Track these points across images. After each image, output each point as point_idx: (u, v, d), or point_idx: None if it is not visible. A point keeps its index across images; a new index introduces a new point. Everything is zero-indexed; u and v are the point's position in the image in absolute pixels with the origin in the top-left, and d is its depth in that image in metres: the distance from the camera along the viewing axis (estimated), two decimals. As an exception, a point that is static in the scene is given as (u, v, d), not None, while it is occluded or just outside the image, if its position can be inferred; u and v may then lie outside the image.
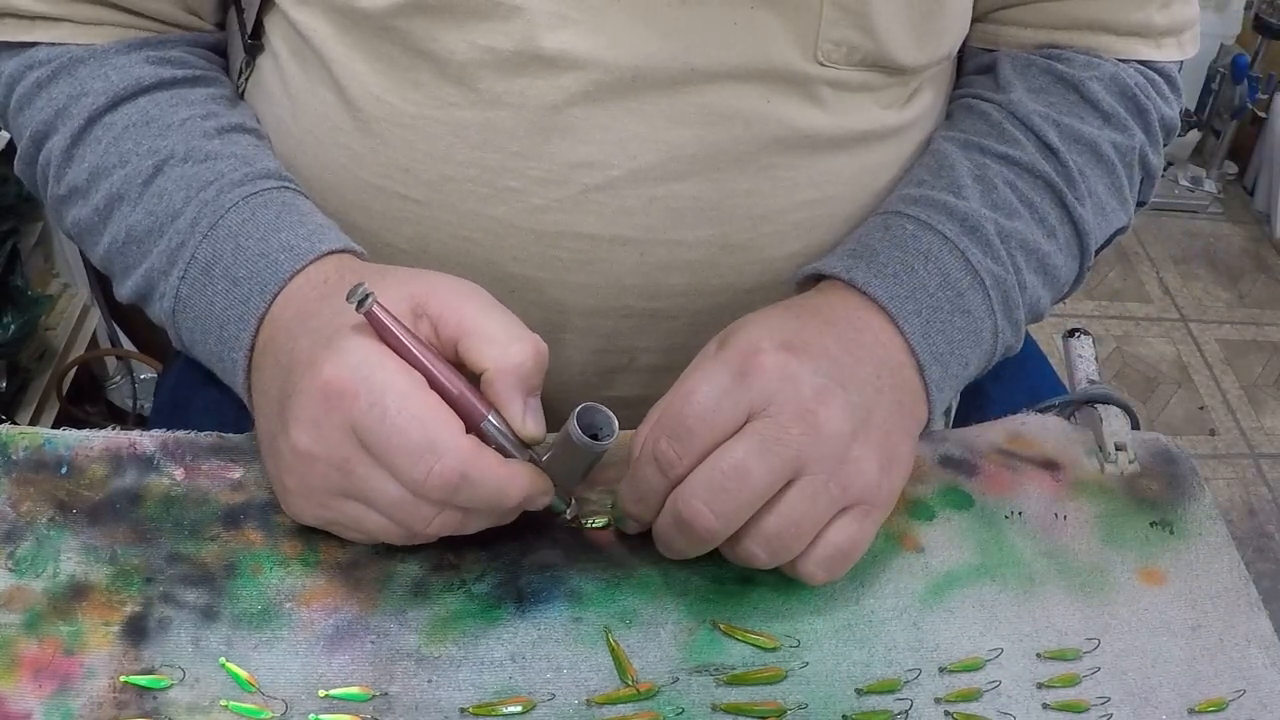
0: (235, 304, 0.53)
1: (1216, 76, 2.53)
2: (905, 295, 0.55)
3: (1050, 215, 0.61)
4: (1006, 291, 0.59)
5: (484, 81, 0.56)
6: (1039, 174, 0.62)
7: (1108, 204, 0.64)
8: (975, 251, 0.58)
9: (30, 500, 0.53)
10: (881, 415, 0.51)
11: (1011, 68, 0.66)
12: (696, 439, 0.48)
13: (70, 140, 0.59)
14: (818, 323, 0.53)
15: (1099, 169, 0.64)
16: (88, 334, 1.59)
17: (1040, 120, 0.63)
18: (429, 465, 0.45)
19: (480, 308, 0.49)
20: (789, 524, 0.48)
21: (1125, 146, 0.65)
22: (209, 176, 0.56)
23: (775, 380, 0.49)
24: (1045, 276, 0.62)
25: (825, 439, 0.48)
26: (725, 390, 0.48)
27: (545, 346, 0.49)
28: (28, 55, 0.61)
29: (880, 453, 0.50)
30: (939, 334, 0.55)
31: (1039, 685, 0.50)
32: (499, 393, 0.48)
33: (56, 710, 0.46)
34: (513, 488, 0.47)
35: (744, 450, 0.47)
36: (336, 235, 0.55)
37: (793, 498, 0.48)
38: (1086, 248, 0.63)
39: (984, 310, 0.58)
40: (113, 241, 0.59)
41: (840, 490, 0.49)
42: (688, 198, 0.58)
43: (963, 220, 0.58)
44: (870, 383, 0.52)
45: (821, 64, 0.57)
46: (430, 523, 0.48)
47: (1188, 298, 2.43)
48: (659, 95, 0.56)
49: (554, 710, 0.48)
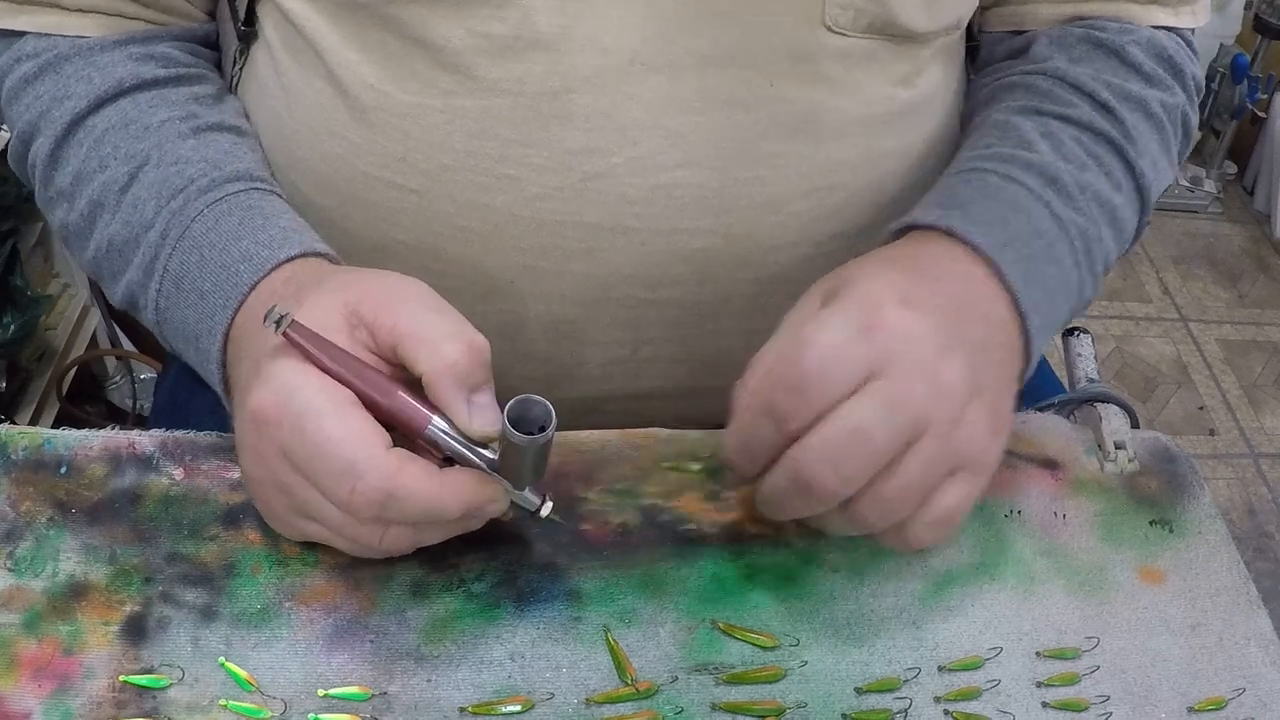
0: (204, 318, 0.54)
1: (1216, 76, 2.53)
2: (1004, 244, 0.54)
3: (1115, 170, 0.62)
4: (1089, 243, 0.58)
5: (480, 68, 0.56)
6: (1099, 131, 0.62)
7: (1159, 160, 0.65)
8: (1058, 203, 0.57)
9: (30, 500, 0.53)
10: (992, 375, 0.50)
11: (1048, 41, 0.66)
12: (817, 393, 0.46)
13: (54, 144, 0.59)
14: (929, 279, 0.51)
15: (1150, 126, 0.64)
16: (87, 334, 1.59)
17: (1091, 81, 0.63)
18: (350, 485, 0.45)
19: (415, 309, 0.48)
20: (907, 487, 0.47)
21: (1171, 105, 0.65)
22: (179, 183, 0.56)
23: (898, 338, 0.47)
24: (1115, 230, 0.61)
25: (946, 401, 0.47)
26: (847, 344, 0.46)
27: (482, 340, 0.48)
28: (16, 47, 0.61)
29: (991, 415, 0.49)
30: (1037, 285, 0.54)
31: (1038, 684, 0.50)
32: (438, 395, 0.47)
33: (56, 710, 0.46)
34: (448, 499, 0.46)
35: (869, 410, 0.46)
36: (299, 238, 0.55)
37: (911, 461, 0.47)
38: (1147, 202, 0.63)
39: (1070, 261, 0.57)
40: (97, 249, 0.59)
41: (954, 453, 0.47)
42: (690, 186, 0.58)
43: (1041, 172, 0.58)
44: (981, 342, 0.50)
45: (829, 28, 0.57)
46: (381, 539, 0.47)
47: (1187, 297, 2.43)
48: (660, 80, 0.56)
49: (553, 709, 0.48)
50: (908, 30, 0.59)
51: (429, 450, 0.48)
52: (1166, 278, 2.47)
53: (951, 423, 0.47)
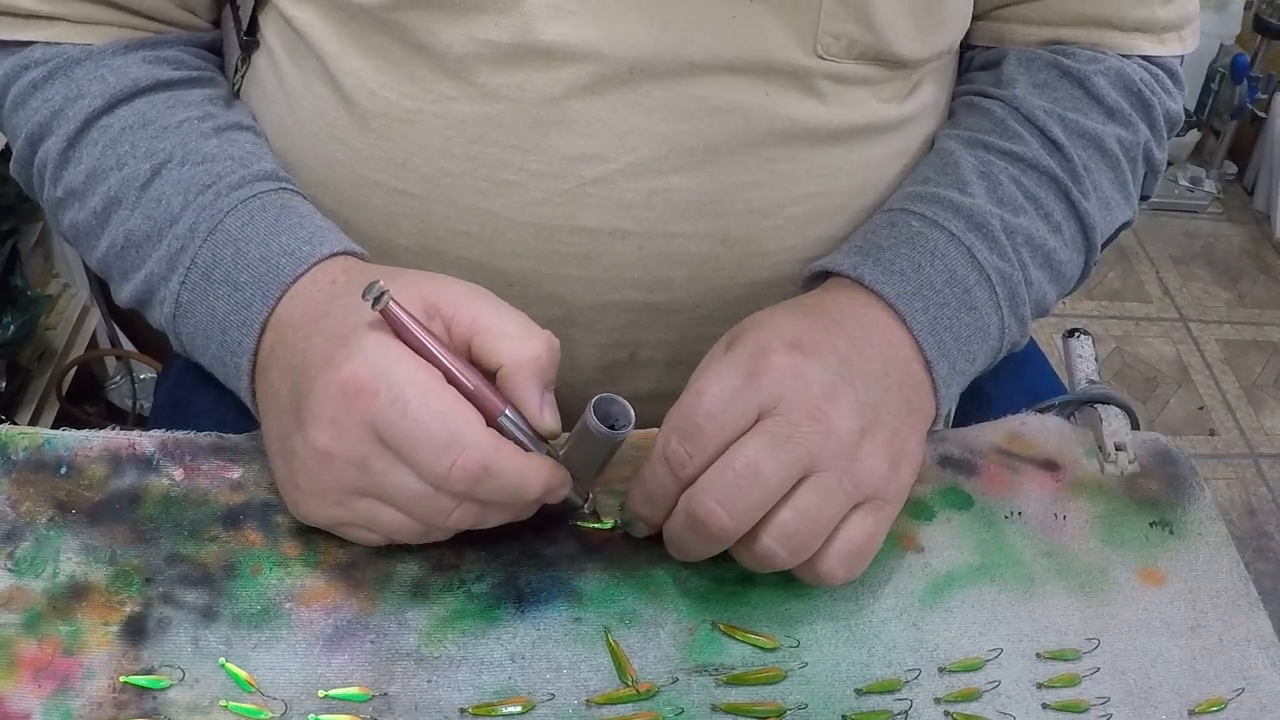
0: (238, 309, 0.53)
1: (1216, 76, 2.53)
2: (912, 293, 0.55)
3: (1055, 211, 0.62)
4: (1013, 288, 0.59)
5: (481, 75, 0.56)
6: (1044, 169, 0.62)
7: (1112, 199, 0.65)
8: (981, 248, 0.58)
9: (30, 500, 0.53)
10: (890, 413, 0.51)
11: (1016, 63, 0.66)
12: (707, 438, 0.48)
13: (66, 143, 0.59)
14: (826, 321, 0.53)
15: (1103, 164, 0.64)
16: (87, 334, 1.59)
17: (1044, 115, 0.63)
18: (452, 458, 0.46)
19: (491, 306, 0.49)
20: (805, 517, 0.48)
21: (1130, 142, 0.65)
22: (206, 180, 0.56)
23: (785, 379, 0.49)
24: (1051, 272, 0.62)
25: (835, 436, 0.48)
26: (735, 390, 0.48)
27: (557, 342, 0.49)
28: (23, 55, 0.61)
29: (890, 449, 0.50)
30: (946, 331, 0.56)
31: (1039, 685, 0.50)
32: (516, 386, 0.48)
33: (56, 710, 0.46)
34: (534, 480, 0.47)
35: (755, 448, 0.47)
36: (337, 238, 0.55)
37: (806, 493, 0.48)
38: (1092, 242, 0.63)
39: (990, 307, 0.58)
40: (110, 246, 0.58)
41: (853, 486, 0.49)
42: (686, 191, 0.58)
43: (969, 217, 0.58)
44: (879, 380, 0.52)
45: (821, 57, 0.57)
46: (449, 516, 0.48)
47: (1187, 298, 2.43)
48: (657, 88, 0.56)
49: (553, 710, 0.48)
50: (900, 58, 0.60)
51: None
52: (1166, 278, 2.47)
53: (846, 458, 0.49)
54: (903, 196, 0.61)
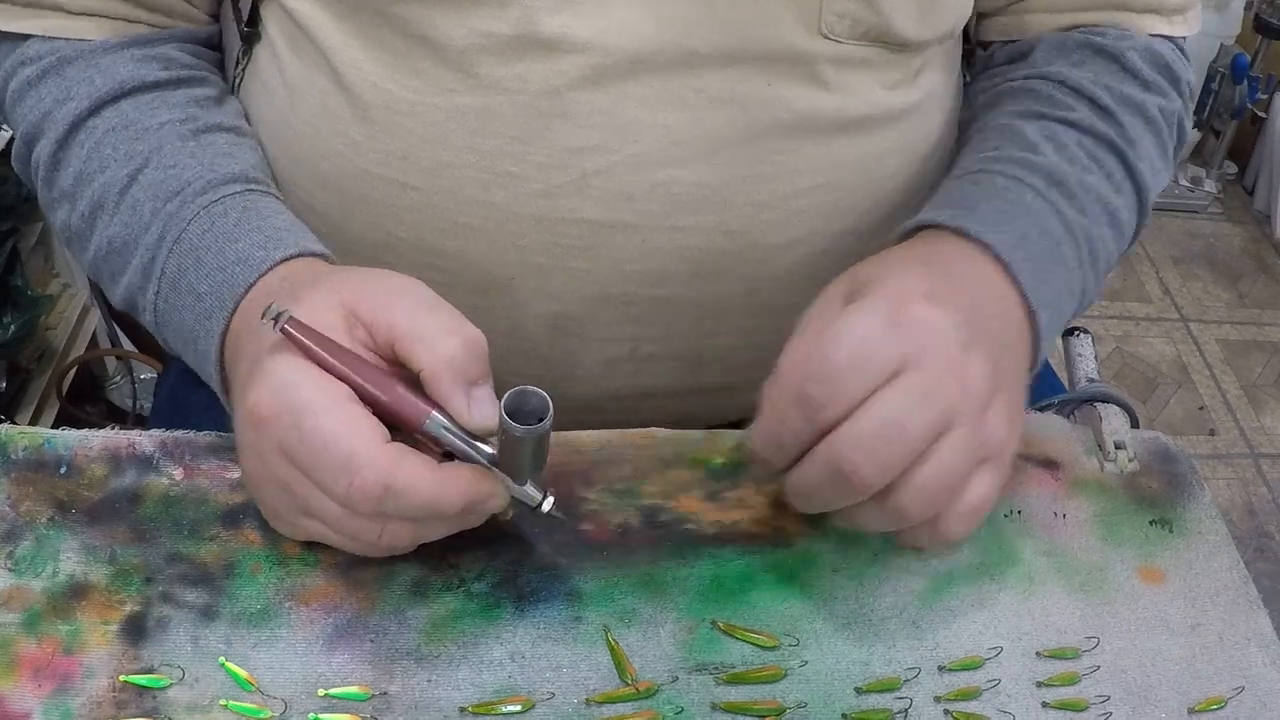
0: (201, 319, 0.54)
1: (1216, 76, 2.52)
2: (1014, 244, 0.55)
3: (1116, 172, 0.62)
4: (1093, 244, 0.59)
5: (483, 67, 0.56)
6: (1100, 134, 0.63)
7: (1157, 164, 0.66)
8: (1064, 204, 0.58)
9: (30, 500, 0.53)
10: (1010, 370, 0.51)
11: (1049, 47, 0.67)
12: (850, 385, 0.46)
13: (56, 145, 0.59)
14: (947, 276, 0.52)
15: (1148, 130, 0.65)
16: (87, 334, 1.59)
17: (1091, 85, 0.64)
18: (348, 479, 0.45)
19: (411, 307, 0.48)
20: (944, 475, 0.47)
21: (1168, 110, 0.66)
22: (175, 186, 0.57)
23: (926, 331, 0.48)
24: (1116, 230, 0.62)
25: (971, 394, 0.48)
26: (878, 337, 0.47)
27: (478, 334, 0.48)
28: (21, 50, 0.61)
29: (1009, 408, 0.50)
30: (1046, 284, 0.55)
31: (1038, 684, 0.50)
32: (436, 390, 0.47)
33: (56, 710, 0.46)
34: (448, 493, 0.46)
35: (903, 402, 0.46)
36: (294, 238, 0.55)
37: (944, 450, 0.47)
38: (1145, 204, 0.64)
39: (1075, 262, 0.58)
40: (97, 250, 0.59)
41: (982, 444, 0.48)
42: (688, 183, 0.58)
43: (1047, 174, 0.59)
44: (999, 337, 0.51)
45: (825, 36, 0.57)
46: (380, 535, 0.48)
47: (1188, 298, 2.43)
48: (659, 79, 0.56)
49: (553, 709, 0.48)
50: (903, 39, 0.60)
51: (430, 447, 0.48)
52: (1167, 278, 2.47)
53: (977, 415, 0.48)
54: (976, 160, 0.61)
